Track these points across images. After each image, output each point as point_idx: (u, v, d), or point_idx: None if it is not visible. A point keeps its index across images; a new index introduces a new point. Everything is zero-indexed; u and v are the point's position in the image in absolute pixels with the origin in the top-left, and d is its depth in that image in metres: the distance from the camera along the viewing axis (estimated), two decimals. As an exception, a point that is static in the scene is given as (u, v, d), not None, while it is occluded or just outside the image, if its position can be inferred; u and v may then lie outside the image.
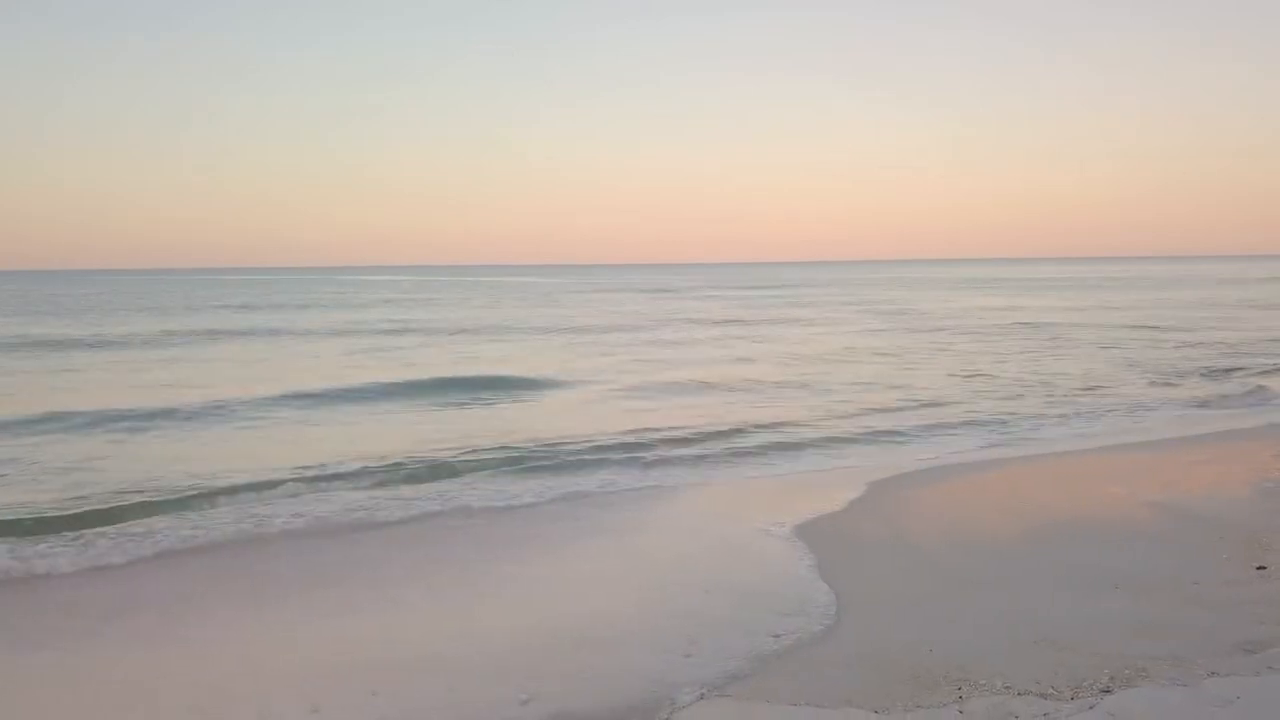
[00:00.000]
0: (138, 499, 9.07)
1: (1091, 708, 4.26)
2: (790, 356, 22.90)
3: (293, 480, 9.77)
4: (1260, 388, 16.58)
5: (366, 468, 10.32)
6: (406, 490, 9.66)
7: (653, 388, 17.37)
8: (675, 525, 8.38)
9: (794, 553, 7.22)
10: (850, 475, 10.12)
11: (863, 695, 4.55)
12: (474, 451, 11.26)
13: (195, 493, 9.27)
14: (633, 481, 10.08)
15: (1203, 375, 18.29)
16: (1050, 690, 4.49)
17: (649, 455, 11.31)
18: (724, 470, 10.78)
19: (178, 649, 5.48)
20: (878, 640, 5.29)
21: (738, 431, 12.82)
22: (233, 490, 9.37)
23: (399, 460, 10.71)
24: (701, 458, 11.34)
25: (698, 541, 7.70)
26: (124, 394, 16.59)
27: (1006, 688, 4.53)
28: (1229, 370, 18.91)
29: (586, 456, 11.16)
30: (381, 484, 9.86)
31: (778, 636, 5.41)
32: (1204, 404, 15.14)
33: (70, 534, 8.01)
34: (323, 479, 9.90)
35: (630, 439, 12.03)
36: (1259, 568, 6.27)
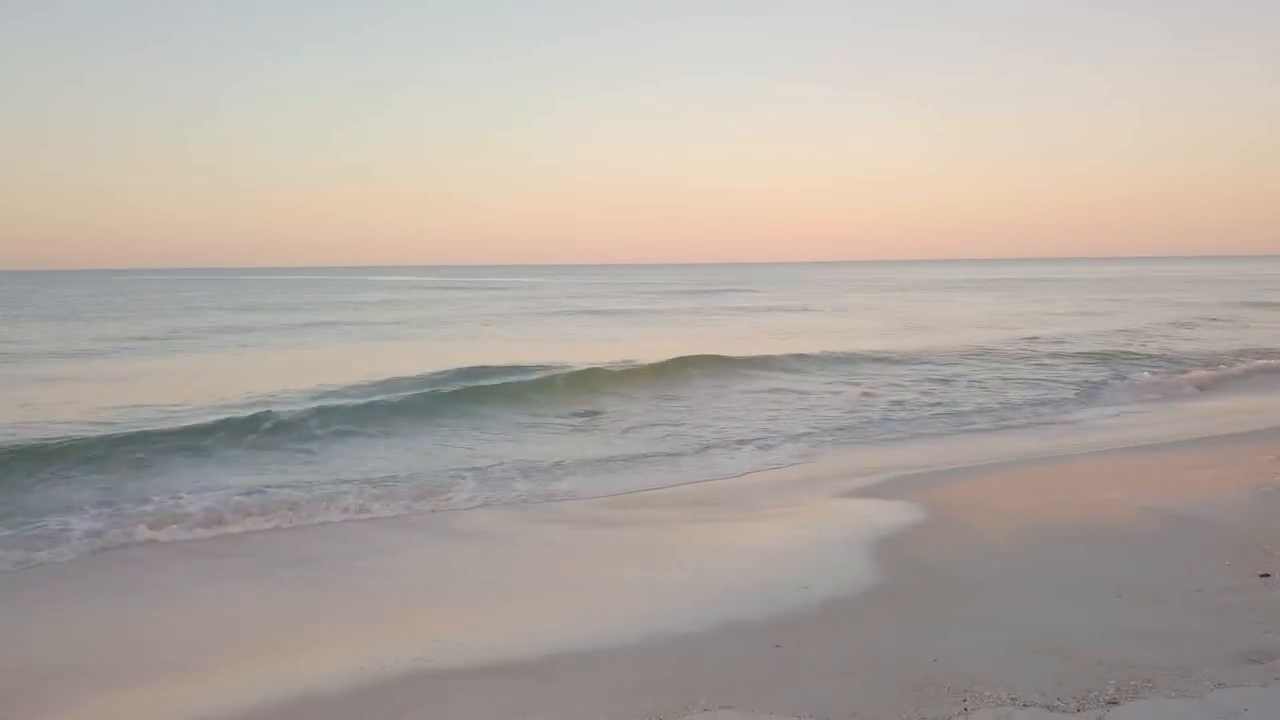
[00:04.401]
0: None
1: (1098, 719, 4.23)
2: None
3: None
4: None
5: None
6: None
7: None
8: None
9: (789, 554, 7.21)
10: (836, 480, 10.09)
11: (867, 707, 4.51)
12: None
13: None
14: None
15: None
16: (1056, 702, 4.45)
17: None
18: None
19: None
20: (881, 649, 5.26)
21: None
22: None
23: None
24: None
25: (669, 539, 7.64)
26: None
27: (1012, 699, 4.50)
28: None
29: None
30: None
31: (778, 646, 5.37)
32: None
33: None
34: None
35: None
36: (1263, 575, 6.24)
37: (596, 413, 14.77)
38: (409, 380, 17.07)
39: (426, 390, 15.60)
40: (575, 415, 14.53)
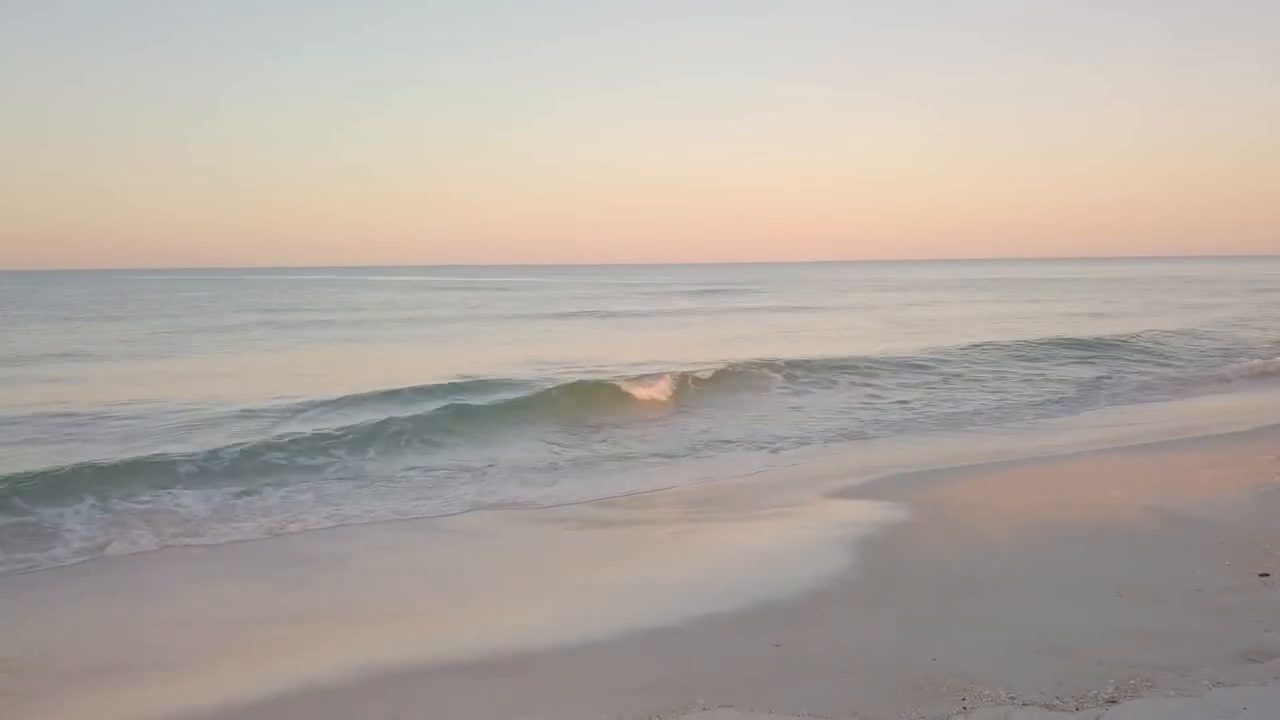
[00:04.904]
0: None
1: (1097, 719, 4.22)
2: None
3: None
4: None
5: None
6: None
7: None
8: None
9: (789, 554, 7.20)
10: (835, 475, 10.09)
11: (867, 706, 4.50)
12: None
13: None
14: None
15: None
16: (1055, 701, 4.45)
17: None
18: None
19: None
20: (881, 649, 5.25)
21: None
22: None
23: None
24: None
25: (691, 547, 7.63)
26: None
27: (1011, 698, 4.49)
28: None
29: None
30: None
31: (778, 646, 5.37)
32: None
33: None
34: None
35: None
36: (1262, 575, 6.23)
37: (602, 418, 14.55)
38: (423, 390, 15.90)
39: (443, 403, 14.58)
40: (580, 422, 14.40)
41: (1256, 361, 20.50)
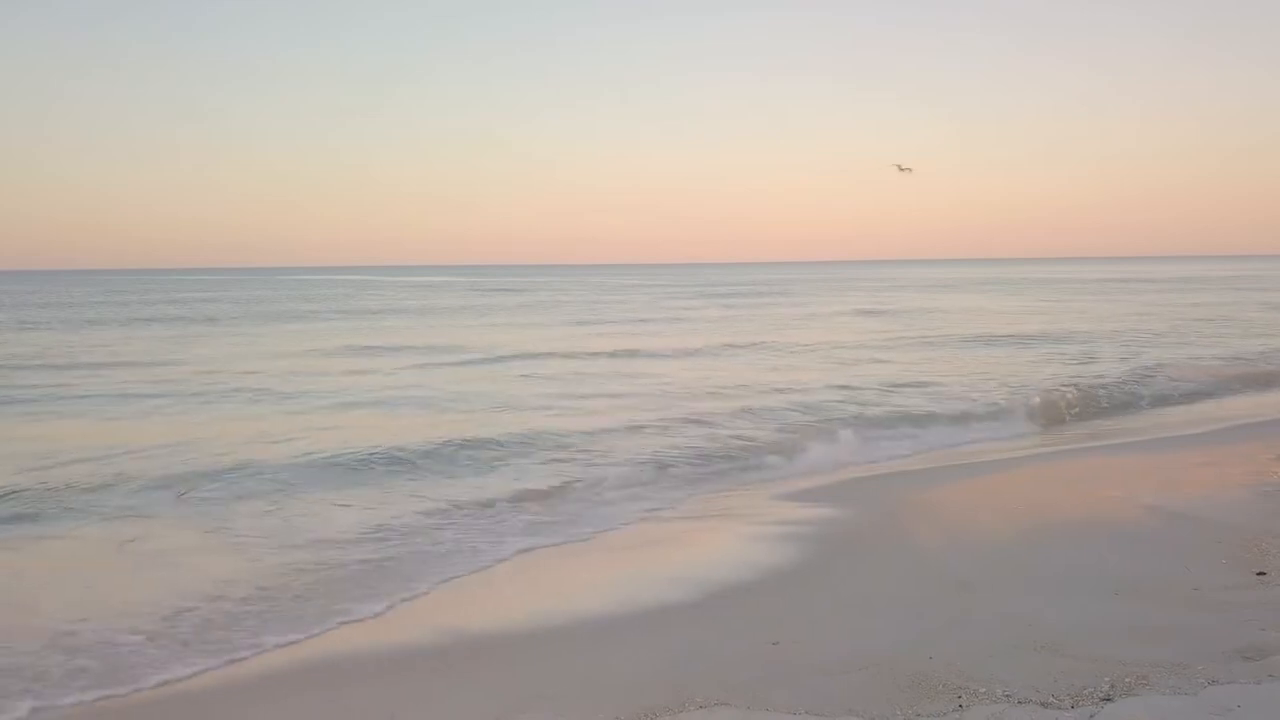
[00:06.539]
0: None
1: (1092, 717, 4.23)
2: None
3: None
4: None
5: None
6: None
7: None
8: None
9: (788, 552, 7.22)
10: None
11: (863, 703, 4.52)
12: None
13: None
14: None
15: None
16: (1051, 699, 4.46)
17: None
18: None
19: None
20: (877, 647, 5.27)
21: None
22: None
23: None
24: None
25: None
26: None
27: (1007, 696, 4.51)
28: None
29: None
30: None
31: (775, 644, 5.39)
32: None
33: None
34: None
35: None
36: (1259, 573, 6.25)
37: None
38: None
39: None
40: None
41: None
